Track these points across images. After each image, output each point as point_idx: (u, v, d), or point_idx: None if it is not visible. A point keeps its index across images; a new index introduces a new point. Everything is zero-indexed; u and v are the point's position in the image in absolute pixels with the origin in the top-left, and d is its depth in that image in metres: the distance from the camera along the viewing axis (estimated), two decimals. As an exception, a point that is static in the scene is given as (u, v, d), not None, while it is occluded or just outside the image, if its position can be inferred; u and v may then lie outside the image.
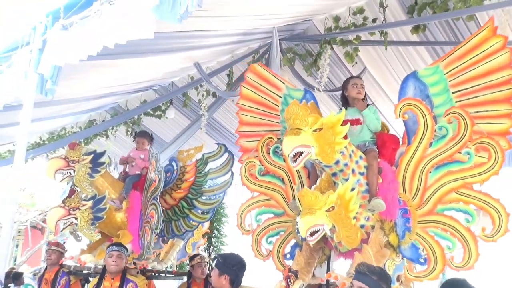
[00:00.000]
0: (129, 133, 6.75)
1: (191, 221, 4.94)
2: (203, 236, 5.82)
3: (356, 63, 4.34)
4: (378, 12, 3.84)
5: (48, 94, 2.71)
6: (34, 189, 14.63)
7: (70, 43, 2.57)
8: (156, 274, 5.26)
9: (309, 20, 4.32)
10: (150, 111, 6.20)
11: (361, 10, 3.88)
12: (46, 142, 7.52)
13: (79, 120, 7.08)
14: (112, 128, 6.87)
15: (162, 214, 4.30)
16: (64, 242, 5.51)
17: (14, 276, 7.29)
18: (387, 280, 2.34)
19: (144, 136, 5.12)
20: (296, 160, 2.72)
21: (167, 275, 5.44)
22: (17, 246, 16.44)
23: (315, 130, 2.74)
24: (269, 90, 3.65)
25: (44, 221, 15.24)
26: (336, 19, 4.07)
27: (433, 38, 4.01)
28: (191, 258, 5.06)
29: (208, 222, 5.61)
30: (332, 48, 4.22)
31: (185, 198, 4.95)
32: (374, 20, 3.89)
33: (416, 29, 3.74)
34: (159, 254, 5.23)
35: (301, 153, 2.71)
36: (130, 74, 4.56)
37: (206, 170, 4.97)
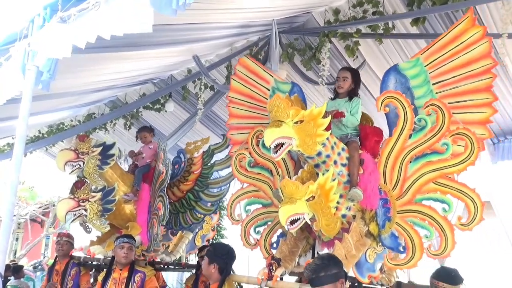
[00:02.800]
0: (127, 126, 6.76)
1: (197, 214, 5.02)
2: (212, 229, 5.86)
3: (357, 57, 4.34)
4: (378, 4, 3.82)
5: (43, 86, 2.70)
6: (34, 182, 14.65)
7: (68, 36, 2.55)
8: (165, 266, 5.31)
9: (308, 12, 4.30)
10: (149, 104, 6.19)
11: (360, 3, 3.86)
12: (45, 135, 7.52)
13: (78, 114, 7.07)
14: (111, 122, 6.86)
15: (169, 206, 4.34)
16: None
17: (14, 269, 7.32)
18: (322, 268, 2.38)
19: (143, 130, 5.19)
20: (277, 151, 2.78)
21: (175, 267, 5.49)
22: (17, 239, 16.51)
23: (296, 122, 2.79)
24: (258, 83, 3.72)
25: (44, 215, 15.27)
26: (336, 11, 4.06)
27: (432, 30, 4.00)
28: (200, 250, 5.13)
29: (217, 214, 5.67)
30: (330, 41, 4.21)
31: (191, 190, 5.02)
32: (374, 13, 3.87)
33: (415, 21, 3.73)
34: (168, 246, 5.29)
35: (282, 144, 2.76)
36: (129, 67, 4.55)
37: (212, 162, 5.03)
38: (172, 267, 5.52)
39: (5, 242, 2.58)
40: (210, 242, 5.85)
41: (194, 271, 5.37)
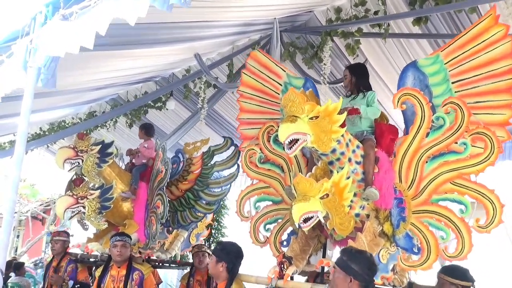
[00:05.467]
0: (128, 124, 6.76)
1: (197, 212, 4.99)
2: (207, 227, 5.87)
3: (358, 55, 4.33)
4: (380, 3, 3.81)
5: (43, 83, 2.69)
6: (35, 180, 14.67)
7: (69, 33, 2.55)
8: (161, 264, 5.32)
9: (310, 11, 4.29)
10: (150, 102, 6.19)
11: (362, 2, 3.85)
12: (47, 133, 7.53)
13: (79, 111, 7.07)
14: (112, 120, 6.87)
15: (168, 205, 4.35)
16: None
17: (16, 266, 7.33)
18: (358, 261, 2.36)
19: (140, 129, 5.21)
20: (291, 147, 2.72)
21: (171, 264, 5.50)
22: (18, 236, 16.53)
23: (311, 118, 2.73)
24: (270, 77, 3.65)
25: (45, 212, 15.28)
26: (338, 10, 4.05)
27: (434, 30, 3.99)
28: (193, 248, 5.15)
29: (212, 213, 5.67)
30: (332, 40, 4.20)
31: (191, 189, 5.00)
32: (376, 13, 3.86)
33: (417, 21, 3.72)
34: (164, 244, 5.30)
35: (296, 140, 2.71)
36: (131, 65, 4.55)
37: (212, 162, 5.01)
38: (168, 264, 5.54)
39: (6, 239, 2.59)
40: (204, 240, 5.88)
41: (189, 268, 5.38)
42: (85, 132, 5.11)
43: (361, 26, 3.98)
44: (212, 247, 7.97)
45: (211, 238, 8.60)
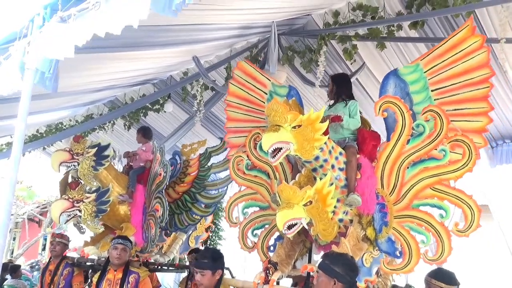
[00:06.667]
0: (126, 126, 6.75)
1: (193, 215, 5.01)
2: (206, 230, 5.85)
3: (355, 60, 4.34)
4: (378, 7, 3.83)
5: (47, 86, 2.69)
6: (32, 182, 14.61)
7: (68, 36, 2.55)
8: (159, 267, 5.30)
9: (308, 15, 4.30)
10: (148, 105, 6.18)
11: (360, 6, 3.87)
12: (44, 135, 7.51)
13: (77, 114, 7.06)
14: (110, 122, 6.85)
15: (168, 208, 4.33)
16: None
17: (12, 269, 7.30)
18: (340, 263, 2.40)
19: (137, 132, 5.21)
20: (275, 156, 2.78)
21: (169, 268, 5.48)
22: (14, 238, 16.45)
23: (294, 127, 2.79)
24: (255, 87, 3.75)
25: (41, 214, 15.22)
26: (335, 14, 4.06)
27: (432, 34, 4.00)
28: (189, 252, 5.11)
29: (211, 216, 5.65)
30: (327, 44, 4.22)
31: (188, 192, 5.02)
32: (373, 17, 3.88)
33: (414, 24, 3.74)
34: (162, 247, 5.28)
35: (280, 149, 2.77)
36: (129, 68, 4.55)
37: (209, 164, 5.02)
38: (166, 267, 5.51)
39: (3, 241, 2.57)
40: (202, 243, 5.85)
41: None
42: (82, 134, 5.09)
43: (358, 30, 3.99)
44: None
45: (209, 241, 8.58)
